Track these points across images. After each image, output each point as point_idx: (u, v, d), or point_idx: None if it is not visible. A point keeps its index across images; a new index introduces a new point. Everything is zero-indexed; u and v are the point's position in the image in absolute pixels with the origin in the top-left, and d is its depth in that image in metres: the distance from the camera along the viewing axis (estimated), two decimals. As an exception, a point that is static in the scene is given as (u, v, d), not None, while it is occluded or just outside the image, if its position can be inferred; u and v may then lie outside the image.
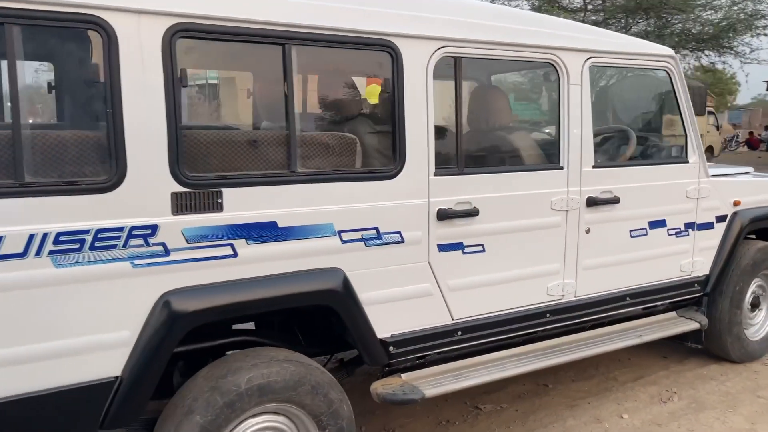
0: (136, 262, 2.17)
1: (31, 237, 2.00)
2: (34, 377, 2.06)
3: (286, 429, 2.53)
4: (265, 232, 2.40)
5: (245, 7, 2.30)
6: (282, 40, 2.39)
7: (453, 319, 2.95)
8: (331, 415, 2.57)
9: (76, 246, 2.07)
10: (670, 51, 3.59)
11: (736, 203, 4.00)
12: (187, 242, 2.26)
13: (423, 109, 2.72)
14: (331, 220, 2.54)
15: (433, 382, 2.93)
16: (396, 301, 2.77)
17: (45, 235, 2.01)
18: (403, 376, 2.94)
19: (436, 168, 2.80)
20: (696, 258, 3.86)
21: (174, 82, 2.19)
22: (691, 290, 3.86)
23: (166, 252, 2.22)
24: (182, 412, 2.31)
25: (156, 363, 2.22)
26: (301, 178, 2.47)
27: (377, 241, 2.66)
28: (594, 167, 3.30)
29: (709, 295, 4.00)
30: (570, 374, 4.09)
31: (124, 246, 2.14)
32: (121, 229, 2.13)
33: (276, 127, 2.64)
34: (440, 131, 2.85)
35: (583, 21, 19.58)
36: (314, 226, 2.51)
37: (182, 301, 2.24)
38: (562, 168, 3.19)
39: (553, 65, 3.12)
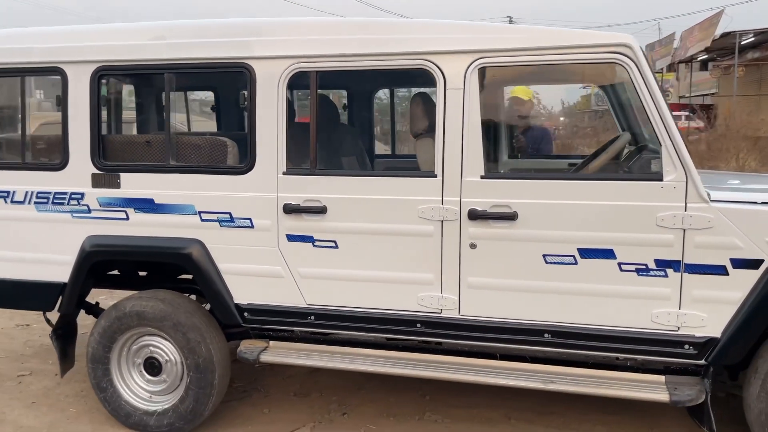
0: (73, 214, 3.55)
1: (29, 193, 3.59)
2: (39, 272, 3.64)
3: (170, 351, 3.49)
4: (145, 205, 3.43)
5: (136, 52, 3.37)
6: (160, 70, 3.37)
7: (307, 303, 3.30)
8: (189, 350, 3.41)
9: (45, 200, 3.58)
10: (624, 39, 2.81)
11: (780, 245, 2.72)
12: (102, 206, 3.51)
13: (274, 117, 3.22)
14: (193, 203, 3.37)
15: (282, 353, 3.37)
16: (251, 276, 3.36)
17: (30, 192, 3.57)
18: (271, 342, 3.46)
19: (287, 168, 3.24)
20: (687, 311, 2.85)
21: (99, 103, 3.45)
22: (677, 352, 2.88)
23: (89, 210, 3.52)
24: (99, 317, 3.59)
25: (80, 276, 3.53)
26: (171, 169, 3.40)
27: (230, 224, 3.33)
28: (483, 177, 3.00)
29: (739, 370, 2.86)
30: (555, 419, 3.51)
31: (63, 203, 3.54)
32: (66, 193, 3.54)
33: (164, 132, 3.59)
34: (297, 136, 3.26)
35: None
36: (180, 206, 3.39)
37: (93, 242, 3.50)
38: (435, 176, 3.06)
39: (426, 70, 3.04)
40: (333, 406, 3.89)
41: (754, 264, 2.77)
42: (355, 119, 4.48)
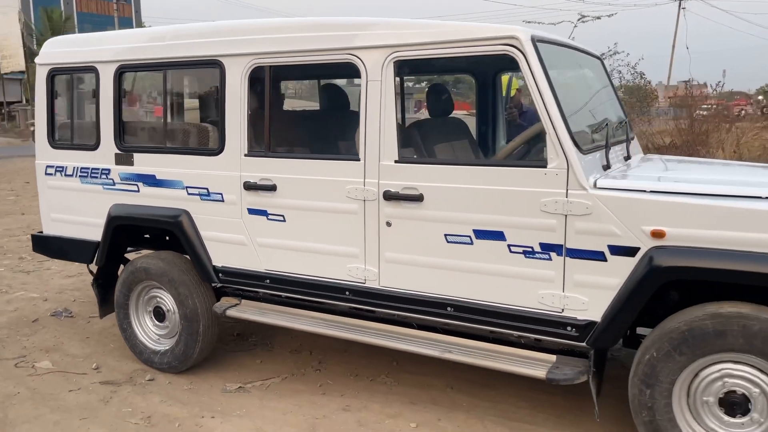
0: (104, 187, 4.35)
1: (75, 168, 4.46)
2: (83, 232, 4.53)
3: (170, 302, 4.19)
4: (150, 180, 4.13)
5: (144, 53, 4.06)
6: (161, 67, 4.02)
7: (264, 269, 3.81)
8: (180, 302, 4.08)
9: (86, 174, 4.42)
10: (513, 31, 2.93)
11: (655, 234, 2.71)
12: (121, 180, 4.27)
13: (238, 106, 3.74)
14: (182, 179, 4.00)
15: (245, 310, 3.91)
16: (224, 243, 3.93)
17: (76, 168, 4.44)
18: (243, 300, 4.02)
19: (248, 150, 3.75)
20: (570, 294, 2.94)
21: (120, 94, 4.20)
22: (561, 333, 2.98)
23: (113, 183, 4.31)
24: (121, 272, 4.39)
25: (108, 236, 4.33)
26: (166, 150, 4.06)
27: (208, 198, 3.92)
28: (396, 162, 3.28)
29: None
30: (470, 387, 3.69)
31: (97, 177, 4.36)
32: (98, 168, 4.36)
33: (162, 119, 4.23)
34: (255, 122, 3.74)
35: None
36: (173, 181, 4.04)
37: (115, 209, 4.28)
38: (359, 160, 3.39)
39: (353, 64, 3.36)
40: (314, 363, 4.38)
41: (630, 251, 2.80)
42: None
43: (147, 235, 4.69)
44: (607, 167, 3.15)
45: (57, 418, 3.60)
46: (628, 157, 3.66)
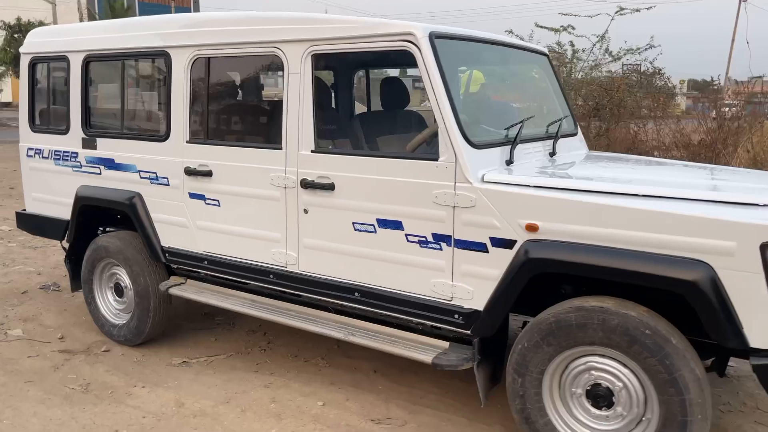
0: (73, 169, 4.65)
1: (50, 151, 4.78)
2: (57, 211, 4.85)
3: (127, 279, 4.46)
4: (109, 163, 4.40)
5: (104, 43, 4.32)
6: (119, 57, 4.27)
7: (202, 251, 4.02)
8: (134, 278, 4.34)
9: (58, 156, 4.73)
10: (410, 28, 3.01)
11: (529, 228, 2.77)
12: (87, 163, 4.55)
13: (182, 95, 3.95)
14: (135, 163, 4.25)
15: (185, 289, 4.13)
16: (170, 225, 4.16)
17: (51, 150, 4.75)
18: (189, 280, 4.24)
19: (190, 137, 3.95)
20: (458, 283, 3.03)
21: (87, 82, 4.48)
22: (449, 321, 3.08)
23: (81, 166, 4.59)
24: (86, 251, 4.67)
25: (75, 215, 4.62)
26: (123, 135, 4.31)
27: (156, 181, 4.16)
28: (313, 152, 3.43)
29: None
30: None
31: (67, 160, 4.65)
32: (68, 152, 4.65)
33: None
34: (196, 112, 3.94)
35: None
36: (128, 165, 4.29)
37: (81, 190, 4.57)
38: (281, 149, 3.55)
39: (277, 56, 3.52)
40: (263, 343, 4.58)
41: (508, 244, 2.87)
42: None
43: (118, 216, 4.97)
44: (510, 162, 3.21)
45: (5, 380, 3.91)
46: (553, 153, 3.70)
